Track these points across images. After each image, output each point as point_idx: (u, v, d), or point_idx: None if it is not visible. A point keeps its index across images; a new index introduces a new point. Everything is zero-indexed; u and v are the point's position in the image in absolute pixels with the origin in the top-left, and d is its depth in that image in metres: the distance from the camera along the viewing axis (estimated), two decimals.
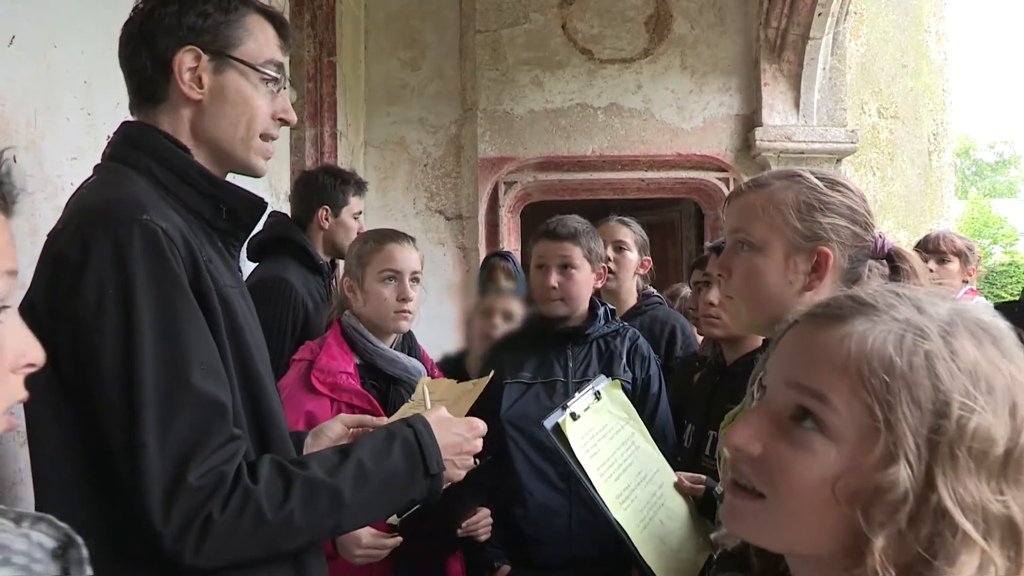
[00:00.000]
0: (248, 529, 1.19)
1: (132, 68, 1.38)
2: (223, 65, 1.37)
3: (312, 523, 1.25)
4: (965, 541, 0.69)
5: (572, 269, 2.54)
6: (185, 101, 1.36)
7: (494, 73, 5.62)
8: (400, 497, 1.37)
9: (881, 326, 0.74)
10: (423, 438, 1.39)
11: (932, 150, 6.62)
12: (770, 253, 1.45)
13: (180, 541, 1.14)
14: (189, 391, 1.18)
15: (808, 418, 0.75)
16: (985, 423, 0.70)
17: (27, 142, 1.79)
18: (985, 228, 31.38)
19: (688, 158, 5.67)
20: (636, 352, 2.57)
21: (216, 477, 1.17)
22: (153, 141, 1.36)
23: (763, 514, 0.77)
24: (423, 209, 5.76)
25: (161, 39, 1.34)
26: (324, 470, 1.28)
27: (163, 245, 1.21)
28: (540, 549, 2.46)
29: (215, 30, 1.36)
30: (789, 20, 5.37)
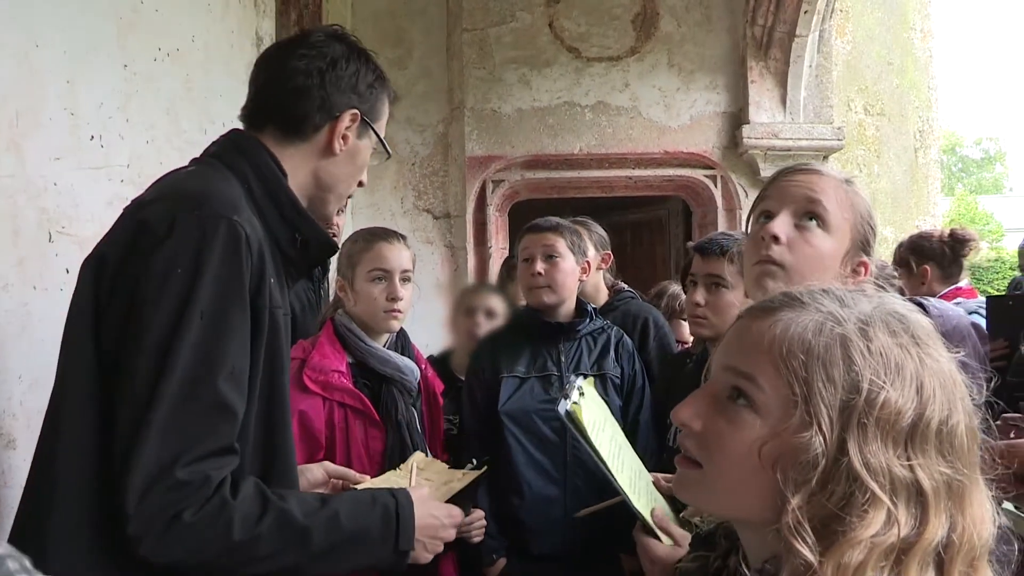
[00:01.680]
0: (212, 539, 1.20)
1: (292, 101, 1.47)
2: (365, 132, 1.54)
3: (274, 555, 1.26)
4: (873, 500, 0.78)
5: (556, 257, 2.60)
6: (324, 151, 1.49)
7: (481, 72, 5.61)
8: (363, 559, 1.40)
9: (804, 315, 0.86)
10: (403, 511, 1.44)
11: (918, 147, 6.65)
12: (838, 242, 1.47)
13: (145, 528, 1.15)
14: (212, 390, 1.21)
15: (741, 396, 0.86)
16: (893, 398, 0.80)
17: (9, 142, 1.77)
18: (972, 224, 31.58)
19: (675, 156, 5.68)
20: (623, 348, 2.66)
21: (202, 478, 1.19)
22: (258, 154, 1.44)
23: (702, 481, 0.89)
24: (411, 208, 5.75)
25: (337, 95, 1.48)
26: (301, 510, 1.30)
27: (242, 248, 1.26)
28: (536, 539, 2.52)
29: (373, 101, 1.54)
30: (775, 18, 5.38)
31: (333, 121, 1.48)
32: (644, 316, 3.08)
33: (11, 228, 1.78)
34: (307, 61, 1.47)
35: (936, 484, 0.80)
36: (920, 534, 0.79)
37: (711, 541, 0.99)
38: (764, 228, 1.48)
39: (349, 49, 1.52)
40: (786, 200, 1.50)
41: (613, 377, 2.59)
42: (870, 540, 0.77)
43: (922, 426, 0.81)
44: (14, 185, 1.79)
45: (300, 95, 1.46)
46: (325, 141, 1.48)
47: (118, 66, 2.26)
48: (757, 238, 1.50)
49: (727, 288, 2.32)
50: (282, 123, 1.47)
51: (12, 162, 1.78)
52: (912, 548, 0.79)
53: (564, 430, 2.50)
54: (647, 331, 3.03)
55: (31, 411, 1.75)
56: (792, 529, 0.80)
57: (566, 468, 2.51)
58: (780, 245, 1.45)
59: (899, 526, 0.78)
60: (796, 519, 0.80)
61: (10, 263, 1.77)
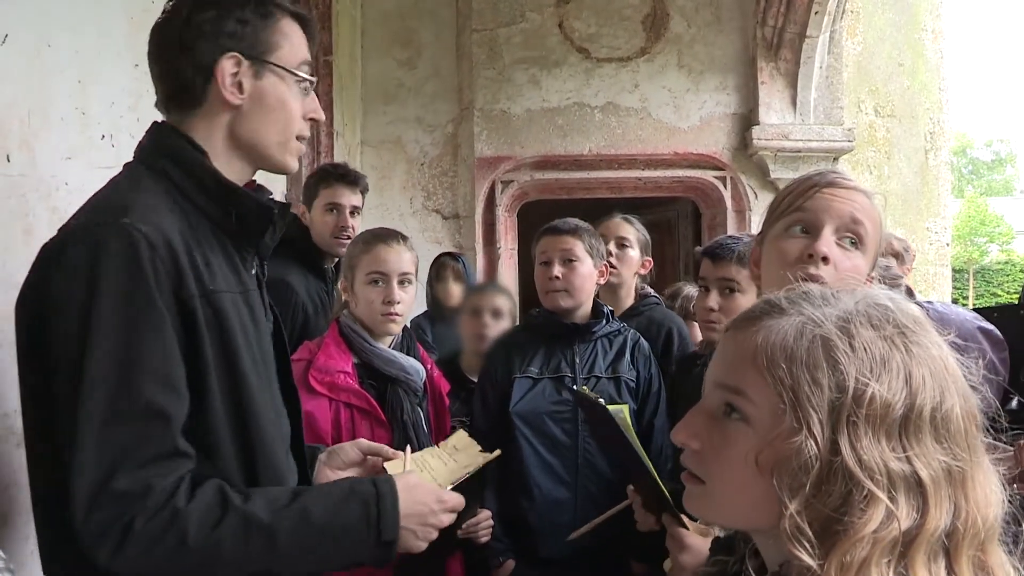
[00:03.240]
0: (167, 548, 1.17)
1: (168, 72, 1.39)
2: (262, 70, 1.40)
3: (239, 559, 1.22)
4: (871, 497, 0.78)
5: (574, 261, 2.58)
6: (224, 106, 1.39)
7: (491, 72, 5.61)
8: (345, 555, 1.33)
9: (783, 321, 0.86)
10: (384, 501, 1.35)
11: (929, 148, 6.62)
12: (869, 260, 1.47)
13: (98, 541, 1.14)
14: (135, 399, 1.18)
15: (734, 411, 0.87)
16: (880, 392, 0.80)
17: (20, 141, 1.78)
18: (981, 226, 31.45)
19: (685, 157, 5.67)
20: (639, 351, 2.63)
21: (144, 487, 1.17)
22: (171, 141, 1.38)
23: (705, 496, 0.90)
24: (420, 208, 5.75)
25: (202, 46, 1.35)
26: (268, 508, 1.25)
27: (141, 251, 1.21)
28: (545, 542, 2.50)
29: (254, 36, 1.39)
30: (786, 19, 5.36)
31: (212, 75, 1.36)
32: (668, 325, 3.04)
33: (22, 227, 1.79)
34: (165, 28, 1.38)
35: (935, 473, 0.80)
36: (922, 525, 0.79)
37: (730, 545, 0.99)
38: (812, 247, 1.45)
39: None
40: (829, 217, 1.47)
41: (628, 380, 2.56)
42: (871, 536, 0.77)
43: (914, 415, 0.80)
44: (25, 184, 1.79)
45: (172, 64, 1.37)
46: (218, 98, 1.37)
47: (129, 65, 2.26)
48: (800, 254, 1.46)
49: (740, 292, 2.30)
50: (174, 99, 1.40)
51: (23, 161, 1.79)
52: (916, 539, 0.79)
53: (576, 432, 2.49)
54: (671, 340, 2.99)
55: None
56: (790, 535, 0.80)
57: (577, 471, 2.49)
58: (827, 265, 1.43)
59: (899, 520, 0.78)
60: (794, 524, 0.80)
61: (21, 262, 1.77)
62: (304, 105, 1.46)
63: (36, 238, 1.82)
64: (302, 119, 1.46)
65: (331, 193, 3.10)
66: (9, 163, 1.75)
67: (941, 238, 6.70)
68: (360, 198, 3.20)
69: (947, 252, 6.81)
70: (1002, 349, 2.84)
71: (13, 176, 1.76)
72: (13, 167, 1.76)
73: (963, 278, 24.93)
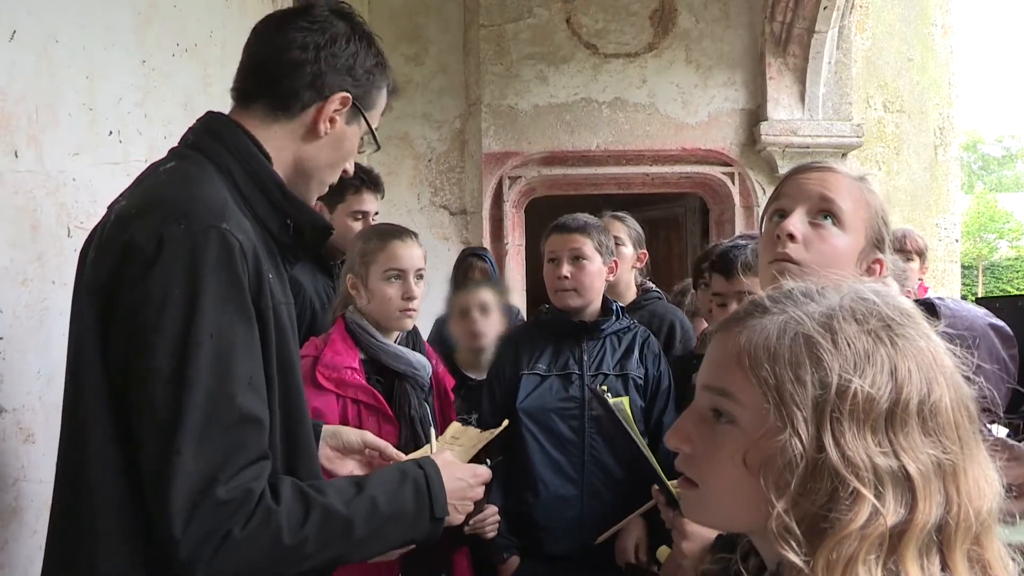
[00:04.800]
0: (264, 549, 1.19)
1: (279, 74, 1.39)
2: (355, 119, 1.45)
3: (321, 551, 1.25)
4: (856, 494, 0.77)
5: (584, 260, 2.57)
6: (310, 131, 1.41)
7: (498, 68, 5.60)
8: (403, 536, 1.39)
9: (766, 321, 0.85)
10: (433, 482, 1.42)
11: (938, 144, 6.59)
12: (853, 240, 1.45)
13: (197, 553, 1.14)
14: (234, 406, 1.18)
15: (722, 414, 0.86)
16: (864, 387, 0.79)
17: (28, 137, 1.78)
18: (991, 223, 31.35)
19: (693, 153, 5.65)
20: (648, 349, 2.62)
21: (244, 493, 1.17)
22: (238, 140, 1.37)
23: (700, 500, 0.90)
24: (427, 204, 5.75)
25: (331, 74, 1.40)
26: (341, 500, 1.29)
27: (236, 259, 1.21)
28: (550, 538, 2.50)
29: (368, 88, 1.46)
30: (794, 14, 5.34)
31: (322, 101, 1.40)
32: (671, 319, 3.05)
33: (30, 223, 1.79)
34: (305, 34, 1.39)
35: (923, 467, 0.79)
36: (911, 520, 0.78)
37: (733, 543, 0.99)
38: (779, 226, 1.46)
39: (352, 29, 1.43)
40: (800, 198, 1.49)
41: (636, 377, 2.55)
42: (858, 533, 0.77)
43: (900, 409, 0.79)
44: (33, 180, 1.79)
45: (292, 69, 1.38)
46: (311, 121, 1.40)
47: (136, 62, 2.26)
48: (772, 236, 1.48)
49: None
50: (270, 97, 1.40)
51: (31, 157, 1.79)
52: (905, 534, 0.78)
53: (583, 429, 2.49)
54: (673, 334, 2.99)
55: (49, 406, 1.76)
56: (777, 534, 0.80)
57: (583, 468, 2.48)
58: (796, 243, 1.44)
59: (885, 515, 0.77)
60: (781, 523, 0.79)
61: (28, 258, 1.78)
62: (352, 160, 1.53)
63: (43, 234, 1.83)
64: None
65: (359, 200, 3.09)
66: (17, 159, 1.75)
67: (950, 234, 6.67)
68: (379, 202, 3.22)
69: (956, 248, 6.78)
70: (1012, 345, 2.82)
71: (21, 172, 1.76)
72: (21, 163, 1.76)
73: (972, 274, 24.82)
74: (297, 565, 1.24)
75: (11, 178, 1.74)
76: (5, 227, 1.71)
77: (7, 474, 1.71)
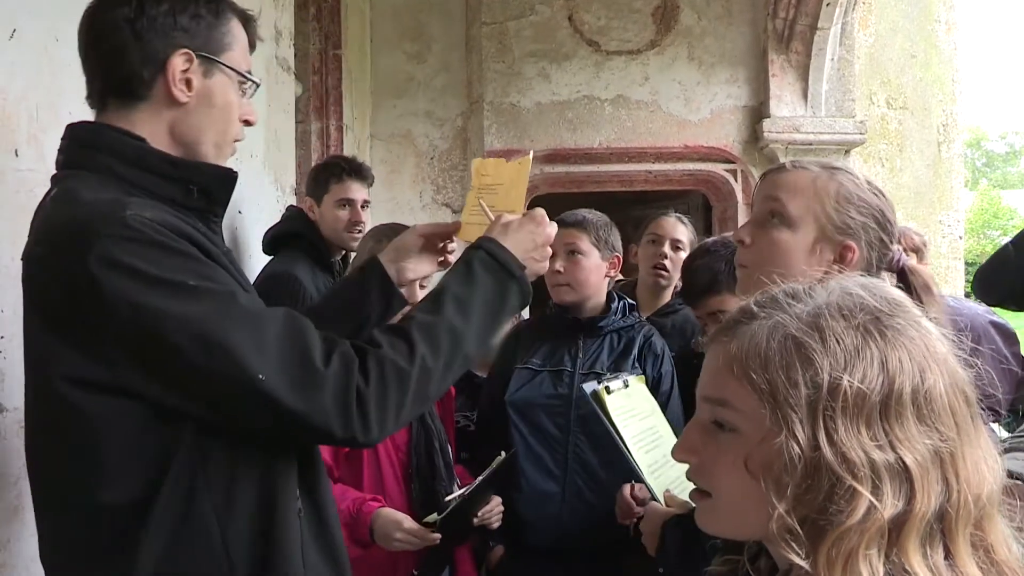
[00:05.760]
0: (396, 386, 1.25)
1: (111, 63, 1.34)
2: (212, 69, 1.37)
3: (444, 361, 1.33)
4: (853, 490, 0.78)
5: (578, 255, 2.56)
6: (170, 103, 1.35)
7: (500, 65, 5.59)
8: (502, 307, 1.46)
9: (755, 326, 0.87)
10: (496, 253, 1.47)
11: (941, 141, 6.57)
12: (801, 233, 1.46)
13: (347, 425, 1.20)
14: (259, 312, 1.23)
15: (723, 423, 0.88)
16: (855, 383, 0.80)
17: (29, 136, 1.78)
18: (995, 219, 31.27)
19: (695, 150, 5.65)
20: (649, 349, 2.58)
21: (341, 357, 1.23)
22: (106, 137, 1.33)
23: (712, 509, 0.90)
24: (430, 202, 5.75)
25: (155, 38, 1.31)
26: (429, 313, 1.36)
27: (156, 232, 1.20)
28: (532, 532, 2.49)
29: (207, 34, 1.36)
30: (797, 10, 5.33)
31: (162, 70, 1.32)
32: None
33: (31, 222, 1.79)
34: (112, 12, 1.32)
35: (920, 458, 0.79)
36: (910, 510, 0.78)
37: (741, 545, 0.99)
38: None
39: None
40: (756, 203, 1.56)
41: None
42: (856, 527, 0.77)
43: (894, 400, 0.80)
44: (34, 179, 1.79)
45: (118, 55, 1.32)
46: (165, 93, 1.33)
47: None
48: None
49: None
50: (113, 90, 1.35)
51: (32, 156, 1.79)
52: (905, 525, 0.78)
53: (568, 427, 2.48)
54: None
55: None
56: (778, 535, 0.81)
57: (566, 466, 2.47)
58: (745, 247, 1.51)
59: (882, 508, 0.77)
60: (782, 525, 0.80)
61: None
62: (241, 107, 1.44)
63: None
64: (239, 120, 1.44)
65: (343, 188, 3.10)
66: (17, 158, 1.75)
67: (954, 231, 6.66)
68: (368, 191, 3.20)
69: (960, 245, 6.77)
70: (1014, 343, 2.81)
71: (22, 171, 1.76)
72: (22, 162, 1.76)
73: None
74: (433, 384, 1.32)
75: (12, 177, 1.73)
76: (5, 226, 1.71)
77: (9, 473, 1.71)
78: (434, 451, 2.28)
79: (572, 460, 2.47)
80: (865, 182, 1.49)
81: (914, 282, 1.49)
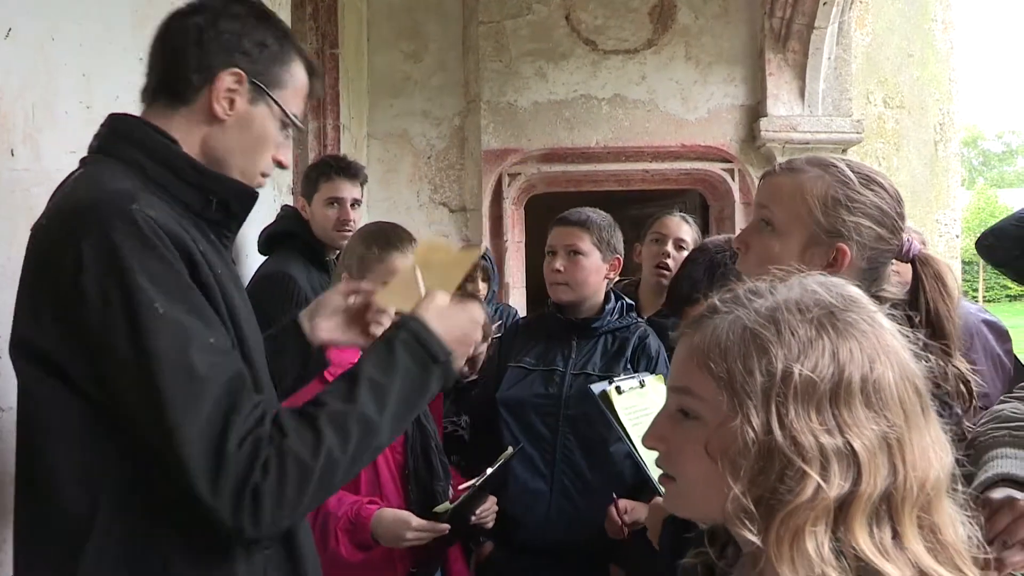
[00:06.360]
0: (295, 482, 1.20)
1: (170, 61, 1.38)
2: (259, 98, 1.40)
3: (353, 453, 1.26)
4: (802, 472, 0.83)
5: (579, 255, 2.55)
6: (209, 115, 1.38)
7: (497, 65, 5.59)
8: (421, 395, 1.38)
9: (717, 320, 0.93)
10: (421, 336, 1.39)
11: (938, 140, 6.57)
12: (789, 240, 1.46)
13: (237, 517, 1.16)
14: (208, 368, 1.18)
15: (687, 411, 0.94)
16: (805, 371, 0.86)
17: (25, 136, 1.78)
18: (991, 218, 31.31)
19: (692, 149, 5.65)
20: (643, 351, 2.56)
21: (253, 442, 1.18)
22: (140, 133, 1.36)
23: (678, 493, 0.97)
24: (427, 202, 5.74)
25: (215, 50, 1.36)
26: (342, 400, 1.28)
27: (150, 234, 1.20)
28: (520, 530, 2.49)
29: (266, 64, 1.40)
30: (794, 10, 5.33)
31: (212, 81, 1.36)
32: None
33: (27, 222, 1.77)
34: (187, 20, 1.37)
35: (868, 442, 0.85)
36: (855, 491, 0.83)
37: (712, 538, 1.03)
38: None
39: (240, 4, 1.40)
40: (754, 207, 1.59)
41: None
42: (805, 506, 0.82)
43: (843, 388, 0.86)
44: (30, 178, 1.79)
45: (177, 56, 1.37)
46: (207, 104, 1.37)
47: (134, 59, 2.24)
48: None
49: None
50: (164, 89, 1.39)
51: (28, 155, 1.79)
52: (852, 505, 0.83)
53: (557, 427, 2.48)
54: None
55: None
56: (732, 514, 0.86)
57: (555, 465, 2.47)
58: (742, 255, 1.55)
59: (829, 489, 0.83)
60: (737, 505, 0.85)
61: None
62: (278, 147, 1.47)
63: None
64: (272, 159, 1.46)
65: (332, 187, 3.10)
66: (13, 157, 1.74)
67: (951, 230, 6.66)
68: (360, 190, 3.19)
69: (957, 244, 6.77)
70: (1006, 340, 2.81)
71: (18, 170, 1.76)
72: (18, 161, 1.76)
73: (973, 270, 24.80)
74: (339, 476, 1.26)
75: (8, 176, 1.73)
76: (2, 225, 1.71)
77: (6, 472, 1.71)
78: (431, 451, 2.28)
79: (560, 460, 2.47)
80: (857, 177, 1.47)
81: (924, 272, 1.48)
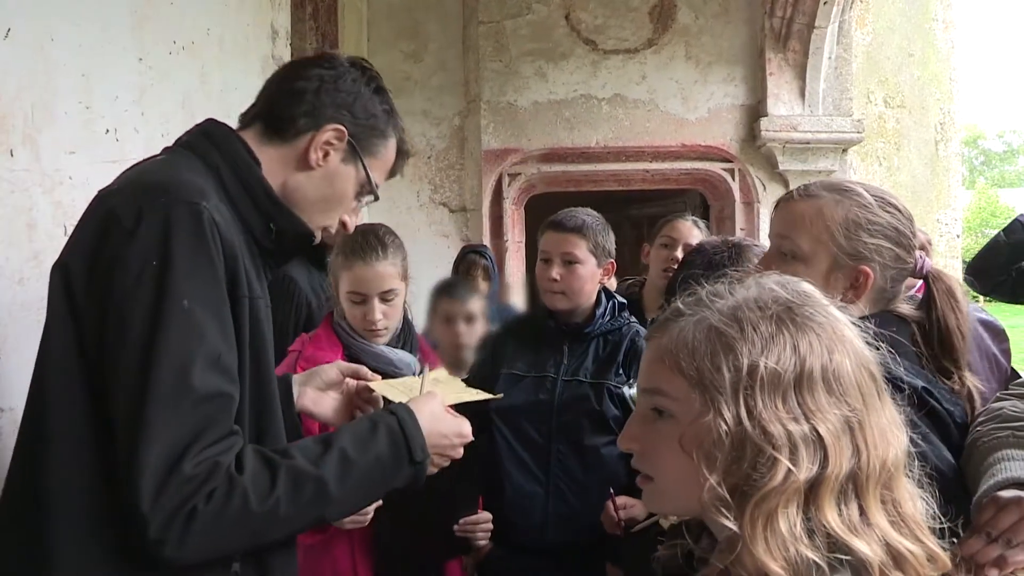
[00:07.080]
0: (233, 519, 1.17)
1: (283, 98, 1.44)
2: (352, 160, 1.46)
3: (297, 514, 1.23)
4: (772, 458, 0.89)
5: (576, 263, 2.50)
6: (301, 159, 1.43)
7: (497, 64, 5.59)
8: (383, 485, 1.37)
9: (683, 322, 0.98)
10: (407, 426, 1.39)
11: (939, 139, 6.56)
12: (813, 266, 1.48)
13: (164, 531, 1.13)
14: (204, 379, 1.18)
15: (660, 410, 0.98)
16: (770, 364, 0.91)
17: (24, 136, 1.78)
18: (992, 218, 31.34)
19: (693, 149, 5.65)
20: (634, 353, 2.52)
21: (210, 467, 1.17)
22: (231, 144, 1.40)
23: (655, 491, 1.01)
24: (427, 201, 5.74)
25: (329, 103, 1.43)
26: (308, 460, 1.26)
27: (209, 233, 1.23)
28: (517, 532, 2.48)
29: (368, 130, 1.47)
30: (794, 9, 5.33)
31: (316, 130, 1.42)
32: None
33: (26, 222, 1.79)
34: (315, 69, 1.45)
35: (832, 427, 0.90)
36: (823, 473, 0.89)
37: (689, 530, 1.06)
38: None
39: (362, 74, 1.48)
40: (773, 239, 1.59)
41: (612, 386, 2.46)
42: (777, 490, 0.88)
43: (806, 377, 0.91)
44: (29, 179, 1.79)
45: (293, 95, 1.43)
46: (303, 149, 1.42)
47: (133, 59, 2.26)
48: None
49: None
50: (268, 120, 1.44)
51: (27, 156, 1.79)
52: (821, 485, 0.89)
53: (549, 433, 2.46)
54: None
55: None
56: (710, 503, 0.91)
57: (549, 470, 2.45)
58: None
59: (798, 472, 0.88)
60: (713, 494, 0.90)
61: (25, 257, 1.78)
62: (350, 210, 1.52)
63: (39, 233, 1.82)
64: (340, 219, 1.52)
65: None
66: (12, 158, 1.74)
67: (952, 230, 6.65)
68: None
69: (958, 244, 6.76)
70: (1003, 339, 2.81)
71: (17, 171, 1.76)
72: (17, 162, 1.76)
73: None
74: (275, 531, 1.23)
75: (7, 177, 1.73)
76: (1, 226, 1.71)
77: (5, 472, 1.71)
78: None
79: (555, 465, 2.45)
80: (875, 200, 1.50)
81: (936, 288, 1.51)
